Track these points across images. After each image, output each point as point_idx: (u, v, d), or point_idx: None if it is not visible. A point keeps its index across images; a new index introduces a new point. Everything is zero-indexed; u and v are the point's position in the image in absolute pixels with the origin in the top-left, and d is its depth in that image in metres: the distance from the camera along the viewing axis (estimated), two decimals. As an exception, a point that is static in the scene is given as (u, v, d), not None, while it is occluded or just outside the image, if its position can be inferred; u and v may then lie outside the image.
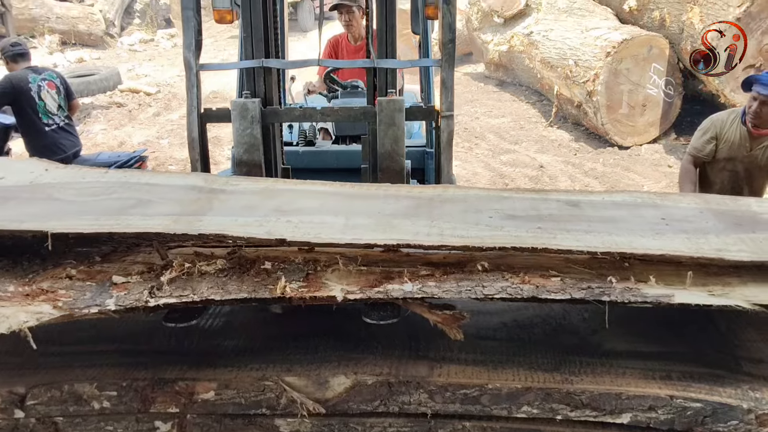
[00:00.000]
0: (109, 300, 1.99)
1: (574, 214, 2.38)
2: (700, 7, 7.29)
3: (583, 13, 9.26)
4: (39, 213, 2.18)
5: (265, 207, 2.36)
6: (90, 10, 14.65)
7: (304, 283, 2.03)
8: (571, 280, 2.04)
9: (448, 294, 1.99)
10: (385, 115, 3.06)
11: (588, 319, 2.71)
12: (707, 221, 2.31)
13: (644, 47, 7.89)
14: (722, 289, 2.02)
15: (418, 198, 2.51)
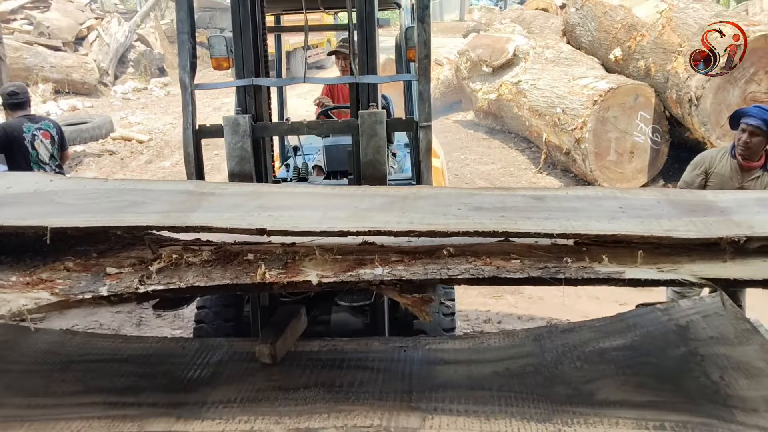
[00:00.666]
0: (102, 287, 2.12)
1: (537, 206, 2.51)
2: (685, 57, 7.43)
3: (570, 63, 9.44)
4: (40, 213, 2.33)
5: (250, 205, 2.51)
6: (84, 60, 14.79)
7: (282, 270, 2.16)
8: (530, 261, 2.17)
9: (416, 276, 2.11)
10: (367, 126, 3.26)
11: (581, 368, 2.70)
12: (662, 209, 2.42)
13: (630, 96, 8.02)
14: (671, 266, 2.12)
15: (393, 196, 2.68)
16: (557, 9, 14.02)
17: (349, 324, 3.76)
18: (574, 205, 2.53)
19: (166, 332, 4.88)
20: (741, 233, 2.14)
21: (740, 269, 2.11)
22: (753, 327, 2.89)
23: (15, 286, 2.15)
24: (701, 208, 2.45)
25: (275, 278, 2.13)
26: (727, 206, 2.47)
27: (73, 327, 4.88)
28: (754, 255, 2.14)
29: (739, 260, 2.13)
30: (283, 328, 2.95)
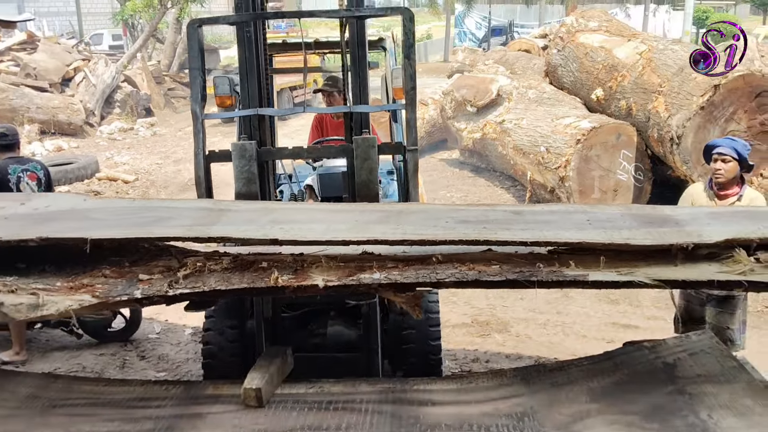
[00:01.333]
0: (136, 291, 2.42)
1: (515, 219, 2.83)
2: (665, 96, 7.57)
3: (553, 103, 9.57)
4: (79, 227, 2.63)
5: (263, 220, 2.85)
6: (70, 100, 14.81)
7: (293, 276, 2.46)
8: (508, 266, 2.45)
9: (408, 279, 2.43)
10: (361, 150, 3.60)
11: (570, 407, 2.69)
12: (625, 221, 2.71)
13: (613, 135, 8.13)
14: (629, 270, 2.39)
15: (388, 211, 3.06)
16: (539, 50, 14.28)
17: (344, 335, 4.03)
18: (548, 218, 2.84)
19: (151, 375, 4.82)
20: (690, 241, 2.42)
21: (689, 272, 2.40)
22: (740, 365, 2.90)
23: (60, 290, 2.42)
24: (658, 221, 2.75)
25: (287, 282, 2.43)
26: (682, 219, 2.76)
27: (56, 370, 4.81)
28: (702, 260, 2.42)
29: (689, 264, 2.41)
30: (270, 370, 2.92)
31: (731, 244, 2.43)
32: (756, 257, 2.41)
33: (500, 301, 6.11)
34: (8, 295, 2.34)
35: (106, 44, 27.00)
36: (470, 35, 37.06)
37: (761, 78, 6.82)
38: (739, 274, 2.37)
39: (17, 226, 2.67)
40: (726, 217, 2.90)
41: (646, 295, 6.20)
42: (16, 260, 2.55)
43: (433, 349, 4.10)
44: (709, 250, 2.42)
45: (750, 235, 2.46)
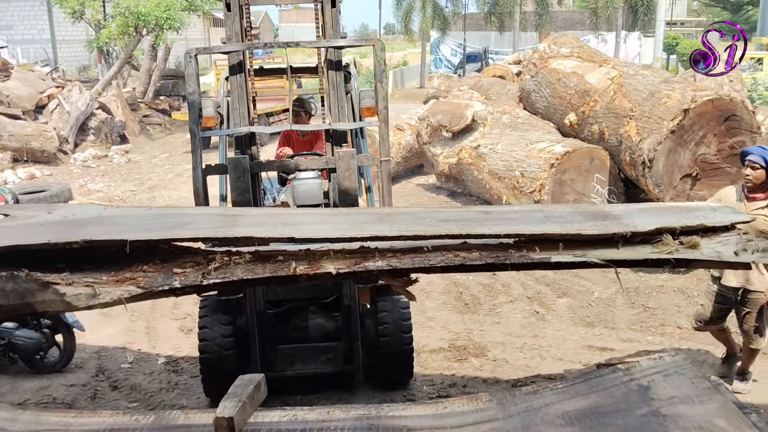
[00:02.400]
0: (174, 282, 2.76)
1: (486, 217, 3.36)
2: (636, 120, 7.68)
3: (527, 127, 9.68)
4: (113, 231, 2.95)
5: (273, 222, 3.29)
6: (44, 128, 14.68)
7: (308, 266, 2.86)
8: (486, 253, 2.93)
9: (405, 265, 2.87)
10: (343, 162, 4.18)
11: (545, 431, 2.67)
12: (575, 217, 3.26)
13: (586, 159, 8.23)
14: (582, 253, 2.93)
15: (380, 213, 3.60)
16: (513, 76, 14.47)
17: (324, 327, 4.74)
18: (512, 216, 3.41)
19: (123, 405, 4.72)
20: (628, 230, 2.99)
21: (628, 253, 2.95)
22: (713, 386, 2.92)
23: (107, 283, 2.73)
24: (601, 216, 3.33)
25: (303, 271, 2.83)
26: (619, 214, 3.32)
27: (26, 402, 4.70)
28: (638, 244, 2.99)
29: (628, 248, 2.97)
30: (242, 399, 2.88)
31: (660, 231, 3.00)
32: (680, 240, 3.00)
33: (477, 325, 6.11)
34: (68, 287, 2.66)
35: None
36: (446, 62, 37.52)
37: (729, 102, 6.96)
38: (667, 254, 2.93)
39: (56, 231, 2.96)
40: (653, 211, 3.51)
41: (621, 318, 6.24)
42: (56, 262, 2.80)
43: (406, 340, 4.67)
44: (642, 237, 3.00)
45: (674, 224, 3.05)
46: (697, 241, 2.98)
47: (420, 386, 4.92)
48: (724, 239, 3.02)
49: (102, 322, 6.25)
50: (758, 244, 2.95)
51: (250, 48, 4.45)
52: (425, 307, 6.56)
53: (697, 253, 2.95)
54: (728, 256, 2.90)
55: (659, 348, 5.48)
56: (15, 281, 2.64)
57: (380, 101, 4.27)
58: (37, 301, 2.67)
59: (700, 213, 3.32)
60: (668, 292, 6.76)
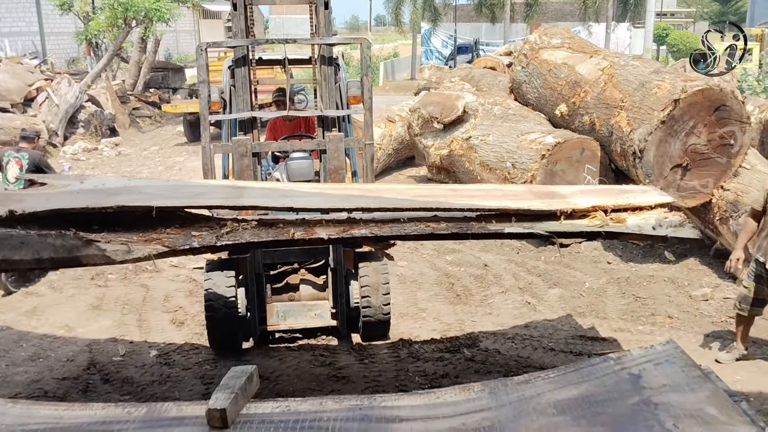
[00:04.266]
0: (194, 242, 3.27)
1: (453, 194, 3.94)
2: (627, 111, 7.69)
3: (518, 119, 9.66)
4: (141, 198, 3.46)
5: (275, 195, 3.85)
6: (33, 121, 14.54)
7: (303, 232, 3.38)
8: (451, 224, 3.47)
9: (385, 233, 3.44)
10: (332, 144, 4.88)
11: (537, 420, 2.68)
12: (526, 195, 3.85)
13: (577, 149, 8.23)
14: (531, 225, 3.52)
15: (366, 188, 4.32)
16: (504, 67, 14.43)
17: (315, 284, 5.43)
18: (475, 193, 4.04)
19: (114, 398, 4.71)
20: (569, 207, 3.59)
21: (568, 226, 3.55)
22: (704, 374, 2.93)
23: (138, 242, 3.18)
24: (549, 195, 3.95)
25: (301, 236, 3.36)
26: (564, 194, 3.89)
27: (17, 395, 4.68)
28: (576, 219, 3.59)
29: (569, 222, 3.57)
30: (235, 390, 2.87)
31: (595, 209, 3.60)
32: (611, 217, 3.61)
33: (469, 316, 6.13)
34: (107, 244, 3.10)
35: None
36: (437, 53, 37.47)
37: (719, 92, 6.97)
38: (599, 227, 3.51)
39: (91, 198, 3.43)
40: (593, 193, 4.11)
41: (612, 308, 6.27)
42: (90, 224, 3.22)
43: (384, 301, 5.20)
44: (582, 213, 3.62)
45: (606, 203, 3.67)
46: (624, 218, 3.61)
47: (412, 377, 4.93)
48: (647, 216, 3.67)
49: (93, 316, 6.23)
50: (672, 221, 3.59)
51: (254, 44, 5.05)
52: (417, 298, 6.57)
53: (623, 227, 3.55)
54: (647, 230, 3.54)
55: (650, 337, 5.51)
56: (63, 239, 3.06)
57: (365, 92, 4.95)
58: (82, 255, 3.09)
59: (630, 195, 3.93)
60: (659, 282, 6.80)
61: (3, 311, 6.33)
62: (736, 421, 2.50)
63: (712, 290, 6.50)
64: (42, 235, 3.06)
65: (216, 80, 5.44)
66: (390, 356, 5.25)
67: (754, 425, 2.46)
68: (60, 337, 5.79)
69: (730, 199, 6.81)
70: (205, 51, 4.80)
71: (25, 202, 3.45)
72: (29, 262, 3.08)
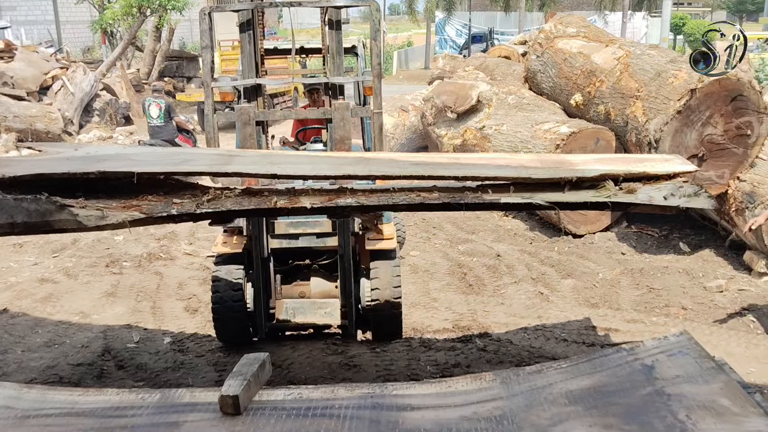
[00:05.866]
0: (172, 209, 3.14)
1: (454, 163, 3.63)
2: (642, 101, 7.63)
3: (532, 108, 9.61)
4: (126, 165, 3.35)
5: (264, 162, 3.68)
6: (48, 109, 14.65)
7: (287, 200, 3.21)
8: (445, 195, 3.21)
9: (372, 202, 3.22)
10: (338, 113, 4.67)
11: (549, 410, 2.68)
12: (534, 164, 3.47)
13: (592, 139, 8.17)
14: (530, 195, 3.18)
15: (360, 158, 4.05)
16: (519, 56, 14.34)
17: (327, 281, 5.22)
18: (478, 162, 3.75)
19: (129, 384, 4.76)
20: (575, 175, 3.20)
21: (572, 197, 3.18)
22: (717, 365, 2.91)
23: (116, 208, 3.10)
24: (558, 164, 3.61)
25: (283, 204, 3.19)
26: (576, 162, 3.55)
27: (32, 381, 4.73)
28: (584, 189, 3.21)
29: (573, 192, 3.20)
30: (247, 377, 2.89)
31: (604, 177, 3.23)
32: (620, 186, 3.22)
33: (481, 306, 6.12)
34: (81, 209, 3.05)
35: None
36: (450, 42, 37.27)
37: (736, 82, 6.89)
38: (606, 198, 3.16)
39: (77, 164, 3.37)
40: (607, 161, 3.72)
41: (626, 299, 6.24)
42: (75, 191, 3.19)
43: (395, 303, 5.07)
44: (590, 183, 3.23)
45: (618, 171, 3.29)
46: (634, 187, 3.23)
47: (424, 366, 4.93)
48: (660, 186, 3.27)
49: (108, 303, 6.29)
50: (686, 190, 3.22)
51: (258, 6, 4.90)
52: (429, 288, 6.57)
53: (633, 198, 3.19)
54: (658, 200, 3.19)
55: (663, 329, 5.49)
56: (37, 203, 3.03)
57: (374, 58, 4.74)
58: (54, 220, 3.05)
59: (649, 163, 3.54)
60: (673, 274, 6.75)
61: (19, 298, 6.39)
62: (750, 412, 2.49)
63: (727, 282, 6.45)
64: (17, 200, 3.04)
65: (230, 70, 5.51)
66: (402, 345, 5.26)
67: (767, 417, 2.44)
68: (75, 324, 5.85)
69: (747, 190, 6.74)
70: (208, 15, 4.68)
71: (11, 167, 3.42)
72: (3, 227, 3.05)
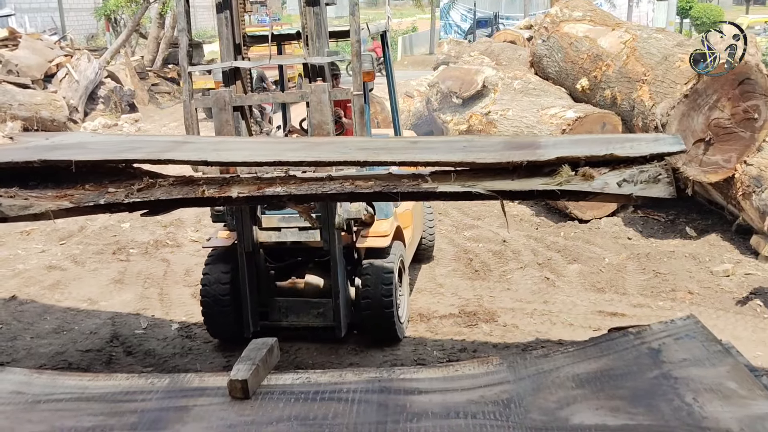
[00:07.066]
0: (101, 199, 3.03)
1: (409, 147, 3.29)
2: (649, 85, 7.59)
3: (538, 93, 9.57)
4: (73, 154, 3.23)
5: (210, 149, 3.49)
6: (53, 97, 14.66)
7: (216, 190, 3.06)
8: (382, 182, 2.94)
9: (302, 192, 3.00)
10: (314, 95, 4.31)
11: (556, 394, 2.69)
12: (496, 147, 3.10)
13: (598, 124, 8.14)
14: (473, 183, 2.83)
15: (311, 142, 3.81)
16: (524, 41, 14.27)
17: (322, 280, 4.90)
18: (435, 146, 3.36)
19: (137, 370, 4.79)
20: (526, 159, 2.81)
21: (519, 185, 2.79)
22: (724, 348, 2.92)
23: (49, 198, 3.05)
24: (525, 146, 3.18)
25: (211, 194, 3.03)
26: (545, 144, 3.18)
27: (41, 367, 4.77)
28: (540, 175, 2.81)
29: (524, 180, 2.81)
30: (256, 362, 2.91)
31: (562, 161, 2.80)
32: (575, 170, 2.78)
33: (487, 291, 6.13)
34: (7, 199, 3.02)
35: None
36: (456, 27, 37.04)
37: (744, 66, 6.84)
38: (556, 185, 2.75)
39: (31, 153, 3.30)
40: (574, 143, 3.36)
41: (632, 284, 6.24)
42: (29, 179, 3.17)
43: (386, 303, 4.80)
44: (550, 168, 2.81)
45: (578, 154, 2.85)
46: (591, 173, 2.79)
47: (430, 351, 4.95)
48: (622, 171, 2.80)
49: (116, 289, 6.32)
50: (644, 176, 2.77)
51: None
52: (435, 273, 6.58)
53: (586, 186, 2.76)
54: (612, 188, 2.74)
55: (670, 313, 5.49)
56: None
57: (353, 34, 4.38)
58: None
59: (631, 144, 3.07)
60: (679, 258, 6.74)
61: (27, 285, 6.43)
62: (757, 395, 2.49)
63: (734, 266, 6.44)
64: None
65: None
66: (408, 331, 5.28)
67: None
68: (83, 311, 5.88)
69: (754, 174, 6.71)
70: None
71: None
72: None
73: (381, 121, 9.94)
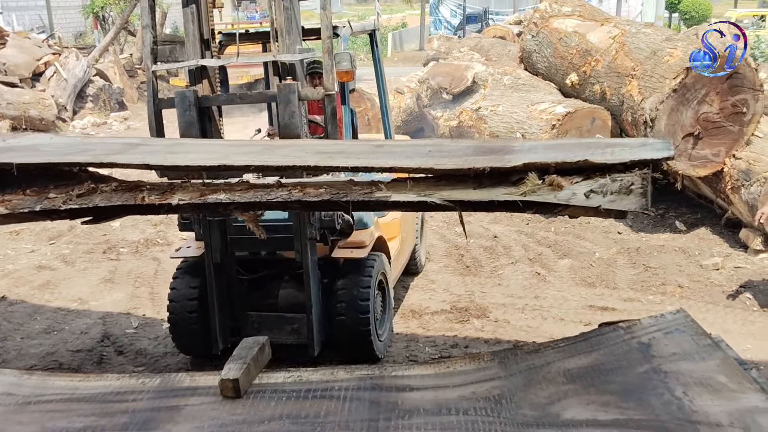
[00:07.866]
0: (38, 205, 2.88)
1: (373, 151, 3.14)
2: (638, 80, 7.61)
3: (528, 89, 9.58)
4: (20, 156, 3.08)
5: (163, 152, 3.28)
6: (41, 95, 14.56)
7: (159, 197, 2.89)
8: (332, 190, 2.76)
9: (246, 199, 2.82)
10: (282, 95, 3.98)
11: (547, 389, 2.70)
12: (464, 152, 2.87)
13: (587, 119, 8.16)
14: (430, 192, 2.62)
15: (265, 145, 3.65)
16: (514, 37, 14.29)
17: (298, 293, 4.47)
18: (399, 150, 3.13)
19: (129, 370, 4.77)
20: (488, 165, 2.59)
21: (479, 194, 2.58)
22: (714, 342, 2.94)
23: None
24: (495, 151, 2.95)
25: (152, 201, 2.86)
26: (517, 149, 2.90)
27: (32, 368, 4.75)
28: (506, 184, 2.58)
29: (486, 189, 2.58)
30: (247, 361, 2.91)
31: (529, 167, 2.55)
32: (543, 179, 2.54)
33: (478, 287, 6.14)
34: None
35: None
36: (445, 23, 37.05)
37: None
38: (519, 196, 2.52)
39: None
40: (550, 148, 3.07)
41: (622, 278, 6.26)
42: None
43: (362, 321, 4.40)
44: (518, 176, 2.58)
45: (547, 160, 2.58)
46: (559, 182, 2.53)
47: (422, 347, 4.96)
48: (596, 180, 2.54)
49: (106, 289, 6.29)
50: (615, 186, 2.51)
51: None
52: (427, 270, 6.58)
53: (551, 196, 2.52)
54: (579, 199, 2.50)
55: (660, 307, 5.51)
56: None
57: (324, 30, 4.12)
58: None
59: (613, 149, 2.79)
60: (669, 252, 6.78)
61: (17, 285, 6.39)
62: (746, 388, 2.51)
63: (723, 260, 6.48)
64: None
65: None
66: (400, 327, 5.28)
67: (763, 393, 2.47)
68: (73, 311, 5.85)
69: (742, 167, 6.75)
70: None
71: None
72: None
73: (371, 117, 9.92)
